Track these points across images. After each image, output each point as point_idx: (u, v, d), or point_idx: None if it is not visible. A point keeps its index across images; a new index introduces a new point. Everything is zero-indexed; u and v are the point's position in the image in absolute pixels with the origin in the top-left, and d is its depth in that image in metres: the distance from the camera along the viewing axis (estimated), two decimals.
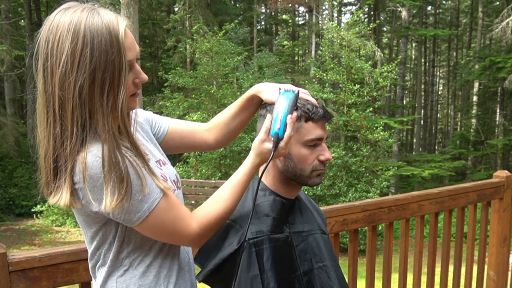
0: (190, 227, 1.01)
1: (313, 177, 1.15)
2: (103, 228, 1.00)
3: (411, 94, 29.60)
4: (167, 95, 12.60)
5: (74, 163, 0.91)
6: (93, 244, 1.03)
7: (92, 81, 0.90)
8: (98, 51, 0.89)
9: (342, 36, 11.16)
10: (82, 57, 0.89)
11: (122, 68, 0.92)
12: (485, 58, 15.60)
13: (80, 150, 0.91)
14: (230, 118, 1.26)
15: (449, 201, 2.29)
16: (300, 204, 1.24)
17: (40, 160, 0.97)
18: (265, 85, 1.18)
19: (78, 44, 0.89)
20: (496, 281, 2.65)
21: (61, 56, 0.90)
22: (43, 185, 0.98)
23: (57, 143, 0.92)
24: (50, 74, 0.91)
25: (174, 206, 1.00)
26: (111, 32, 0.91)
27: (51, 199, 0.95)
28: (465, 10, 27.40)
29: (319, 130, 1.12)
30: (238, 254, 1.06)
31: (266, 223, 1.11)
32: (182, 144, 1.28)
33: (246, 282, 1.04)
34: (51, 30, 0.92)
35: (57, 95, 0.90)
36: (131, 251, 1.03)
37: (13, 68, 15.08)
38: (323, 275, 1.16)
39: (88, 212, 0.96)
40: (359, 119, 10.64)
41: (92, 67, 0.89)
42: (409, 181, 16.83)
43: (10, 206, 13.82)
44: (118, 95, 0.92)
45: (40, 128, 0.95)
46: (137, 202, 0.94)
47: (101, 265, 1.05)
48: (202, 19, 15.46)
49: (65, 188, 0.92)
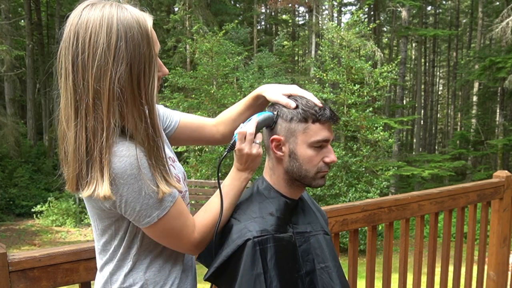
0: (192, 235, 1.05)
1: (317, 178, 1.15)
2: (115, 224, 1.02)
3: (411, 94, 29.60)
4: (167, 95, 12.60)
5: (111, 155, 0.93)
6: (103, 239, 1.05)
7: (129, 73, 0.93)
8: (132, 44, 0.93)
9: (342, 36, 11.17)
10: (118, 50, 0.92)
11: (152, 60, 0.97)
12: (485, 58, 15.60)
13: (112, 144, 0.93)
14: (237, 115, 1.31)
15: (449, 201, 2.29)
16: (303, 205, 1.24)
17: (69, 154, 0.96)
18: (269, 85, 1.22)
19: (113, 37, 0.92)
20: (496, 281, 2.65)
21: (95, 50, 0.91)
22: (70, 180, 0.97)
23: (89, 136, 0.93)
24: (82, 69, 0.92)
25: (182, 215, 1.03)
26: (141, 26, 0.95)
27: (85, 192, 0.94)
28: (465, 10, 27.41)
29: (325, 132, 1.13)
30: (241, 251, 1.06)
31: (270, 222, 1.11)
32: (190, 138, 1.32)
33: (249, 280, 1.04)
34: (80, 25, 0.93)
35: (92, 87, 0.92)
36: (140, 248, 1.05)
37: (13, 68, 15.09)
38: (325, 275, 1.16)
39: (103, 207, 0.98)
40: (359, 119, 10.64)
41: (128, 59, 0.92)
42: (409, 181, 16.84)
43: (10, 206, 13.83)
44: (149, 87, 0.96)
45: (70, 123, 0.95)
46: (149, 207, 0.97)
47: (109, 260, 1.06)
48: (202, 19, 15.47)
49: (103, 179, 0.92)
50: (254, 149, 1.11)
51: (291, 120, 1.12)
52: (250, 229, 1.08)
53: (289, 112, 1.12)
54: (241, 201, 1.19)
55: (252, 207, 1.15)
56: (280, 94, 1.16)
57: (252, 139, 1.11)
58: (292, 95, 1.16)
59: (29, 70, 17.40)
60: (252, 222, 1.10)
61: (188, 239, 1.04)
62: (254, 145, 1.12)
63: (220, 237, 1.13)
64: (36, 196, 14.21)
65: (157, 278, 1.07)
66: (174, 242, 1.04)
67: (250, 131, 1.11)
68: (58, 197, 13.60)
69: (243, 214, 1.14)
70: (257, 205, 1.15)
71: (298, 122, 1.11)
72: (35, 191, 14.58)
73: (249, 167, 1.14)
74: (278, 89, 1.18)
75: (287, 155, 1.14)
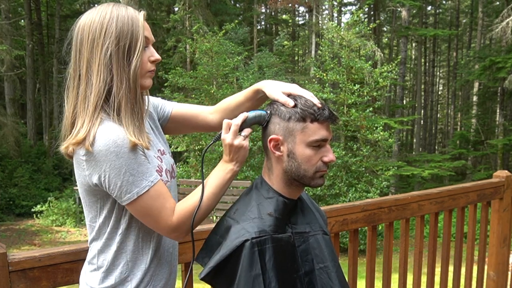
0: (170, 217, 1.11)
1: (316, 178, 1.15)
2: (100, 201, 1.11)
3: (411, 94, 29.60)
4: (167, 95, 12.59)
5: (94, 121, 1.05)
6: (90, 215, 1.14)
7: (115, 45, 1.08)
8: (122, 23, 1.09)
9: (342, 36, 11.16)
10: (109, 27, 1.08)
11: (139, 38, 1.10)
12: (485, 58, 15.59)
13: (99, 116, 1.06)
14: (236, 105, 1.34)
15: (449, 201, 2.29)
16: (302, 205, 1.24)
17: (64, 122, 1.12)
18: (270, 81, 1.25)
19: (106, 18, 1.09)
20: (496, 281, 2.65)
21: (90, 29, 1.09)
22: (62, 141, 1.11)
23: (79, 100, 1.09)
24: (80, 45, 1.10)
25: (161, 197, 1.10)
26: (132, 14, 1.11)
27: (64, 144, 1.09)
28: (465, 10, 27.40)
29: (324, 131, 1.13)
30: (239, 252, 1.06)
31: (268, 223, 1.11)
32: (185, 126, 1.39)
33: (247, 281, 1.04)
34: (82, 20, 1.12)
35: (86, 58, 1.08)
36: (126, 230, 1.13)
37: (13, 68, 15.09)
38: (324, 276, 1.16)
39: (90, 183, 1.07)
40: (359, 119, 10.63)
41: (116, 34, 1.08)
42: (409, 181, 16.83)
43: (10, 206, 13.83)
44: (134, 61, 1.09)
45: (69, 93, 1.12)
46: (129, 184, 1.05)
47: (96, 236, 1.14)
48: (202, 19, 15.46)
49: (83, 130, 1.05)
50: (236, 140, 1.14)
51: (289, 119, 1.12)
52: (249, 230, 1.08)
53: (287, 111, 1.12)
54: (240, 202, 1.19)
55: (250, 207, 1.15)
56: (279, 92, 1.16)
57: (236, 130, 1.14)
58: (292, 94, 1.16)
59: (29, 70, 17.39)
60: (251, 222, 1.10)
61: (165, 222, 1.10)
62: (238, 136, 1.14)
63: (218, 237, 1.13)
64: (36, 196, 14.21)
65: (138, 261, 1.14)
66: (152, 223, 1.10)
67: (235, 122, 1.14)
68: (58, 197, 13.60)
69: (242, 215, 1.13)
70: (255, 205, 1.15)
71: (296, 121, 1.11)
72: (35, 191, 14.58)
73: (234, 159, 1.16)
74: (279, 86, 1.19)
75: (286, 155, 1.14)
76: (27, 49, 17.16)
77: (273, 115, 1.15)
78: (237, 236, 1.08)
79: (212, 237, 1.18)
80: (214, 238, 1.16)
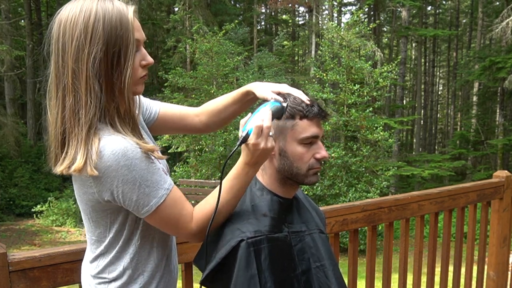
0: (189, 224, 1.06)
1: (309, 175, 1.14)
2: (110, 216, 1.04)
3: (411, 94, 29.60)
4: (167, 95, 12.60)
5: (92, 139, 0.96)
6: (98, 230, 1.06)
7: (104, 53, 0.96)
8: (109, 26, 0.96)
9: (342, 36, 11.16)
10: (95, 30, 0.96)
11: (130, 43, 0.99)
12: (485, 58, 15.61)
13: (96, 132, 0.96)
14: (223, 107, 1.31)
15: (449, 201, 2.29)
16: (298, 204, 1.24)
17: (50, 133, 1.02)
18: (259, 83, 1.22)
19: (90, 19, 0.96)
20: (496, 281, 2.65)
21: (73, 32, 0.96)
22: (51, 158, 1.02)
23: (67, 115, 0.98)
24: (62, 51, 0.97)
25: (178, 203, 1.04)
26: (120, 12, 0.98)
27: (59, 167, 0.98)
28: (465, 10, 27.40)
29: (314, 128, 1.12)
30: (235, 253, 1.06)
31: (264, 223, 1.11)
32: (171, 128, 1.33)
33: (243, 282, 1.04)
34: (63, 14, 0.99)
35: (70, 68, 0.96)
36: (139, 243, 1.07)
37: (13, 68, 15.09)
38: (321, 274, 1.16)
39: (100, 199, 1.00)
40: (359, 119, 10.64)
41: (104, 40, 0.96)
42: (409, 181, 16.84)
43: (10, 206, 13.83)
44: (125, 69, 0.99)
45: (51, 102, 1.01)
46: (145, 195, 0.99)
47: (105, 251, 1.08)
48: (202, 19, 15.46)
49: (79, 154, 0.95)
50: (269, 143, 1.05)
51: None
52: (244, 230, 1.08)
53: None
54: None
55: (245, 208, 1.14)
56: (269, 91, 1.15)
57: (268, 132, 1.04)
58: (281, 92, 1.15)
59: (29, 70, 17.40)
60: (246, 223, 1.10)
61: (185, 228, 1.06)
62: (269, 138, 1.05)
63: (214, 239, 1.12)
64: (36, 196, 14.21)
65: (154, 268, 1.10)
66: (172, 230, 1.07)
67: (267, 125, 1.03)
68: (58, 197, 13.60)
69: (237, 216, 1.13)
70: (250, 206, 1.14)
71: (286, 119, 1.11)
72: (35, 191, 14.58)
73: (259, 162, 1.08)
74: (268, 86, 1.18)
75: (277, 154, 1.13)
76: (27, 49, 17.16)
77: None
78: (232, 237, 1.08)
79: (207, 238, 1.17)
80: (210, 239, 1.16)
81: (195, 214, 1.07)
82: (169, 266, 1.16)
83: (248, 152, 1.06)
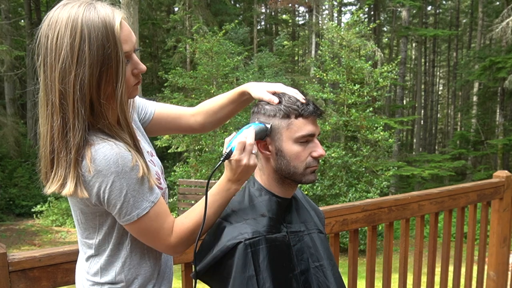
0: (168, 237, 1.06)
1: (307, 174, 1.14)
2: (99, 218, 1.04)
3: (411, 94, 29.59)
4: (167, 95, 12.59)
5: (82, 154, 0.95)
6: (86, 232, 1.07)
7: (91, 75, 0.94)
8: (96, 45, 0.93)
9: (342, 36, 11.15)
10: (81, 51, 0.93)
11: (119, 60, 0.96)
12: (485, 58, 15.60)
13: (86, 142, 0.96)
14: (219, 107, 1.31)
15: (449, 201, 2.29)
16: (297, 204, 1.24)
17: (40, 151, 1.03)
18: (254, 83, 1.22)
19: (76, 39, 0.93)
20: (496, 281, 2.65)
21: (60, 51, 0.93)
22: (42, 173, 1.04)
23: (55, 135, 0.97)
24: (49, 69, 0.95)
25: (160, 217, 1.04)
26: (107, 26, 0.95)
27: (50, 188, 0.99)
28: (465, 10, 27.40)
29: (310, 126, 1.12)
30: (233, 254, 1.05)
31: (262, 223, 1.11)
32: (167, 128, 1.33)
33: (241, 283, 1.04)
34: (50, 25, 0.96)
35: (57, 89, 0.94)
36: (131, 246, 1.07)
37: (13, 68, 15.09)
38: (320, 274, 1.16)
39: (87, 202, 1.00)
40: (359, 119, 10.62)
41: (91, 61, 0.93)
42: (409, 181, 16.83)
43: (10, 206, 13.83)
44: (117, 87, 0.97)
45: (41, 119, 1.01)
46: (129, 205, 0.99)
47: (95, 254, 1.08)
48: (202, 19, 15.46)
49: (69, 178, 0.95)
50: (251, 160, 1.07)
51: (274, 117, 1.11)
52: (242, 231, 1.08)
53: (271, 109, 1.12)
54: (233, 203, 1.18)
55: (244, 209, 1.14)
56: (264, 91, 1.16)
57: (251, 149, 1.07)
58: (277, 92, 1.16)
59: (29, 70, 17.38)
60: (244, 224, 1.10)
61: (164, 241, 1.05)
62: (251, 156, 1.07)
63: (213, 239, 1.12)
64: (36, 196, 14.20)
65: (147, 274, 1.10)
66: (150, 242, 1.06)
67: (250, 141, 1.06)
68: (58, 197, 13.58)
69: (235, 217, 1.13)
70: (248, 206, 1.15)
71: (281, 119, 1.11)
72: (35, 191, 14.56)
73: (241, 178, 1.10)
74: (263, 86, 1.19)
75: (274, 153, 1.13)
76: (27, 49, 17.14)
77: (259, 114, 1.15)
78: (230, 238, 1.07)
79: (205, 239, 1.17)
80: (207, 240, 1.15)
81: (175, 227, 1.07)
82: (164, 269, 1.16)
83: (231, 168, 1.08)
